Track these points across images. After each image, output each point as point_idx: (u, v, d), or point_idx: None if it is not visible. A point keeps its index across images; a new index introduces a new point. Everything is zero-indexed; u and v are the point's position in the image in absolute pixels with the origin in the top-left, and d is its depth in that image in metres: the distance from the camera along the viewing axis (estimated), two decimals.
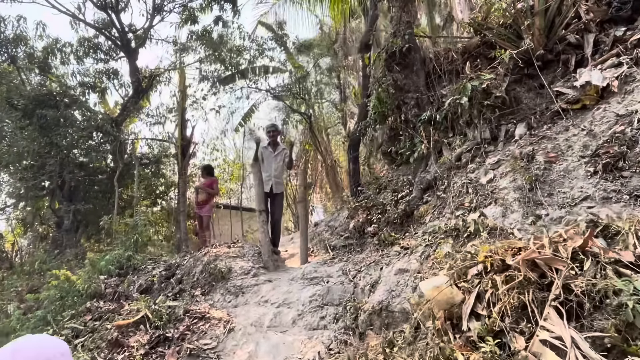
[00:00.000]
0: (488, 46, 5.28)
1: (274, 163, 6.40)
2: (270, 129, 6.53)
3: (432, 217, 4.83)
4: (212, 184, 8.27)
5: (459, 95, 4.90)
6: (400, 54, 5.51)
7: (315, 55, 10.89)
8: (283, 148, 6.54)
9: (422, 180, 5.25)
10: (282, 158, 6.45)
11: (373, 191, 6.12)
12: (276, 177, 6.43)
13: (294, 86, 8.72)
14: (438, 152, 5.33)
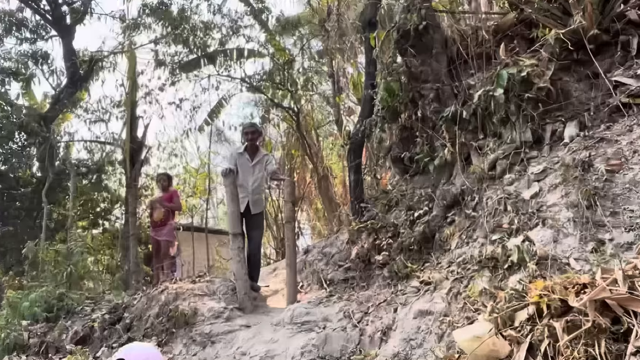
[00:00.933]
0: (526, 25, 5.28)
1: (251, 175, 6.30)
2: (248, 129, 6.41)
3: (460, 243, 4.76)
4: (172, 198, 8.12)
5: (491, 86, 4.87)
6: (415, 34, 5.49)
7: (303, 35, 10.87)
8: (264, 154, 6.45)
9: (446, 194, 5.18)
10: (263, 167, 6.36)
11: (381, 209, 6.04)
12: (254, 193, 6.34)
13: (277, 74, 8.64)
14: (465, 159, 5.28)
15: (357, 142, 6.77)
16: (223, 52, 9.64)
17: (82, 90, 11.26)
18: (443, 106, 5.55)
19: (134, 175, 11.00)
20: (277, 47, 8.66)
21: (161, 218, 7.72)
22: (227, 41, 8.83)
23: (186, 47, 9.06)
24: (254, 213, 6.35)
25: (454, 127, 5.32)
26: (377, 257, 5.48)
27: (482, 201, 4.78)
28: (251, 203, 6.27)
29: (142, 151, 11.51)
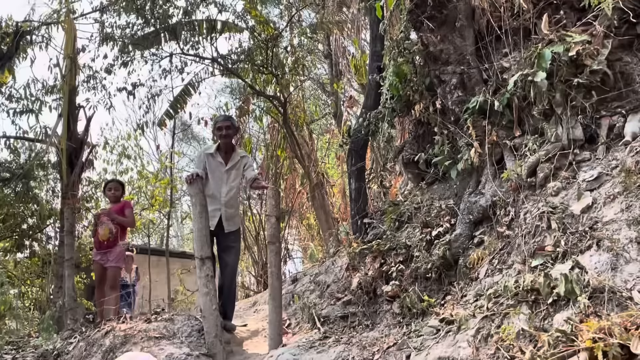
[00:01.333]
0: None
1: (225, 182, 6.29)
2: (222, 124, 6.32)
3: (491, 270, 4.75)
4: (123, 210, 8.05)
5: (531, 69, 4.87)
6: (434, 1, 5.49)
7: (291, 4, 10.86)
8: (242, 156, 6.43)
9: (472, 207, 5.17)
10: (240, 173, 6.34)
11: (390, 225, 6.03)
12: (229, 205, 6.33)
13: (258, 53, 8.60)
14: (497, 162, 5.28)
15: (359, 141, 6.78)
16: (189, 25, 9.60)
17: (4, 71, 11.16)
18: (469, 95, 5.56)
19: (73, 182, 10.95)
20: (258, 18, 8.62)
21: (108, 237, 7.62)
22: (195, 10, 8.79)
23: (141, 16, 9.00)
24: (228, 231, 6.33)
25: (483, 122, 5.34)
26: (385, 288, 5.47)
27: (518, 216, 4.78)
28: (224, 218, 6.26)
29: (84, 151, 11.47)
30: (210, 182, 6.20)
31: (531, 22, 5.31)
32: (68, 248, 7.08)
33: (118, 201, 8.08)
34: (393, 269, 5.44)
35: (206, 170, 6.18)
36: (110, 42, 11.41)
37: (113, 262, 7.78)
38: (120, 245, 7.91)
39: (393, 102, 6.01)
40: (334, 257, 8.06)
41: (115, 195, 8.06)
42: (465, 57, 5.59)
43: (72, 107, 11.19)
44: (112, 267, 7.77)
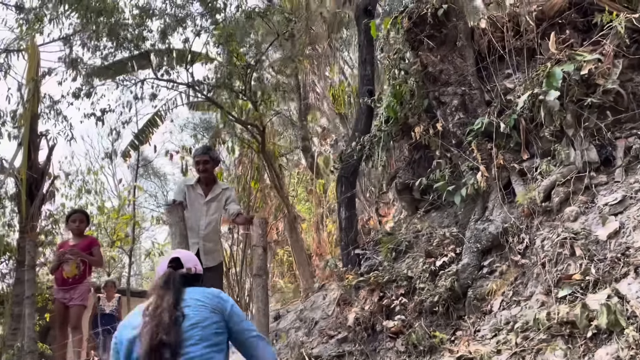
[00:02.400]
0: (579, 11, 5.14)
1: (204, 214, 5.95)
2: (200, 157, 5.97)
3: (507, 301, 4.39)
4: (91, 246, 7.43)
5: (541, 88, 4.62)
6: (433, 20, 5.24)
7: (259, 42, 10.51)
8: (223, 189, 6.13)
9: (480, 235, 4.83)
10: (221, 206, 6.02)
11: (386, 256, 5.62)
12: (207, 239, 5.96)
13: (236, 79, 8.22)
14: (504, 186, 4.97)
15: (349, 167, 6.41)
16: (163, 52, 9.17)
17: None
18: (471, 117, 5.30)
19: (32, 214, 10.20)
20: (233, 50, 8.26)
21: (75, 274, 6.97)
22: (171, 34, 8.37)
23: (114, 39, 8.52)
24: (206, 267, 5.88)
25: (488, 145, 5.05)
26: (387, 324, 5.03)
27: (534, 243, 4.46)
28: (203, 252, 5.85)
29: (44, 182, 10.75)
30: (190, 214, 5.85)
31: (535, 42, 5.11)
32: (29, 284, 6.40)
33: (82, 234, 7.44)
34: (395, 303, 5.01)
35: (185, 201, 5.84)
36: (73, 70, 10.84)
37: (78, 300, 7.10)
38: (85, 283, 7.26)
39: (389, 125, 5.67)
40: (319, 292, 7.61)
41: (79, 228, 7.39)
42: (466, 77, 5.33)
43: (33, 135, 10.50)
44: (77, 305, 7.09)
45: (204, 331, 2.46)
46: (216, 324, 2.51)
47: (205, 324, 2.48)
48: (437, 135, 5.37)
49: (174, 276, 2.64)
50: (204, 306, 2.53)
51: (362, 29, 6.62)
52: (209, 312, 2.52)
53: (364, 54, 6.62)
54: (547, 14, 5.22)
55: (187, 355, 2.36)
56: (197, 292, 2.61)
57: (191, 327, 2.43)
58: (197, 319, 2.46)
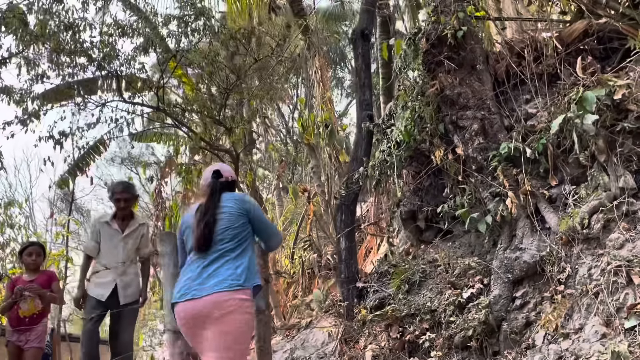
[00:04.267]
0: (596, 38, 5.07)
1: (122, 249, 5.75)
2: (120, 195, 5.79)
3: (553, 334, 4.07)
4: (51, 282, 6.62)
5: (573, 113, 4.43)
6: (452, 43, 5.02)
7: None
8: (140, 224, 6.01)
9: (513, 264, 4.53)
10: (137, 242, 5.91)
11: (400, 288, 5.22)
12: (125, 274, 5.74)
13: (211, 102, 7.68)
14: (531, 214, 4.72)
15: (349, 195, 6.01)
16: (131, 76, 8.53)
17: None
18: (491, 142, 5.07)
19: None
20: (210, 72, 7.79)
21: (33, 312, 6.14)
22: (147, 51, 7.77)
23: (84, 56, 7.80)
24: (124, 302, 5.67)
25: (512, 170, 4.80)
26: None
27: (576, 272, 4.19)
28: (122, 288, 5.66)
29: None
30: (104, 252, 5.73)
31: (556, 67, 4.97)
32: None
33: (38, 269, 6.61)
34: (423, 339, 4.58)
35: (99, 240, 5.75)
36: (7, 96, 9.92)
37: (35, 343, 6.29)
38: (43, 322, 6.43)
39: (401, 149, 5.34)
40: (306, 329, 7.06)
41: (36, 262, 6.59)
42: (485, 102, 5.12)
43: None
44: (34, 347, 6.28)
45: (233, 231, 3.46)
46: (242, 225, 3.51)
47: (235, 226, 3.47)
48: (457, 160, 5.08)
49: (216, 184, 3.62)
50: (234, 211, 3.50)
51: (360, 53, 6.35)
52: (236, 217, 3.50)
53: (362, 79, 6.33)
54: (565, 40, 5.12)
55: (222, 250, 3.42)
56: (230, 198, 3.58)
57: (224, 230, 3.44)
58: (228, 223, 3.45)
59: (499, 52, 5.33)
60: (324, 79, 10.80)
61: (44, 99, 10.34)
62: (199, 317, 3.33)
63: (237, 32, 7.80)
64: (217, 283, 3.35)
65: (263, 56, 8.25)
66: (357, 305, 5.57)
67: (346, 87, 21.59)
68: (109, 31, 7.58)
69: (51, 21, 8.08)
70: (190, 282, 3.44)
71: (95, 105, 8.39)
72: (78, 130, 9.40)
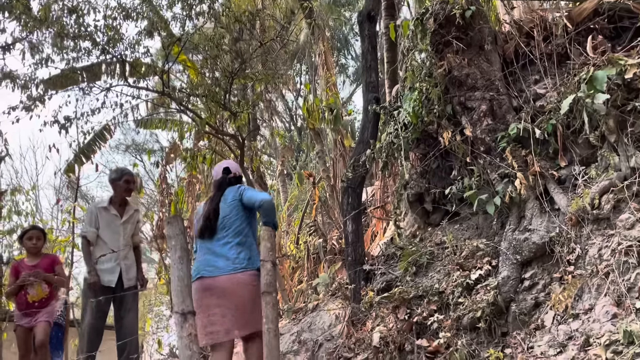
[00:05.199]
0: (606, 17, 4.98)
1: (121, 235, 5.82)
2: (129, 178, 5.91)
3: (562, 315, 4.03)
4: (53, 265, 6.67)
5: (583, 93, 4.36)
6: (461, 22, 4.94)
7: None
8: (135, 210, 6.12)
9: (522, 245, 4.48)
10: (134, 227, 6.04)
11: (407, 270, 5.18)
12: (126, 259, 5.83)
13: (216, 87, 7.60)
14: (540, 195, 4.67)
15: (356, 178, 5.96)
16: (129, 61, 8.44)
17: None
18: (499, 123, 5.00)
19: None
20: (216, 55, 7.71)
21: (42, 297, 6.19)
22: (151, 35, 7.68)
23: (88, 40, 7.73)
24: (127, 286, 5.76)
25: (521, 152, 4.74)
26: (421, 343, 4.56)
27: (586, 253, 4.15)
28: (124, 271, 5.74)
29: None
30: (104, 237, 5.74)
31: (569, 47, 4.89)
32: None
33: (39, 253, 6.64)
34: (431, 320, 4.55)
35: (98, 226, 5.72)
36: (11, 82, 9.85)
37: (44, 317, 6.38)
38: (52, 304, 6.48)
39: (409, 131, 5.28)
40: (312, 312, 7.05)
41: (36, 246, 6.61)
42: (494, 82, 5.05)
43: None
44: (44, 321, 6.39)
45: (232, 220, 4.08)
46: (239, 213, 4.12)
47: (231, 215, 4.09)
48: (465, 142, 5.03)
49: (224, 179, 4.25)
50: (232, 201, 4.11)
51: (366, 35, 6.26)
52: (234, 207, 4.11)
53: (368, 61, 6.24)
54: (574, 20, 5.03)
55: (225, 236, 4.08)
56: (230, 192, 4.18)
57: (222, 219, 4.09)
58: (228, 213, 4.09)
59: (508, 32, 5.24)
60: (328, 63, 10.73)
61: (49, 84, 10.33)
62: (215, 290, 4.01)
63: (242, 14, 7.70)
64: (225, 266, 4.07)
65: (267, 39, 8.16)
66: (364, 287, 5.53)
67: (350, 74, 21.48)
68: (112, 14, 7.59)
69: (55, 5, 8.02)
70: (202, 264, 4.10)
71: (100, 89, 8.36)
72: (83, 115, 9.40)
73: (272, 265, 5.30)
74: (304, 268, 9.34)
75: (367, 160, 5.59)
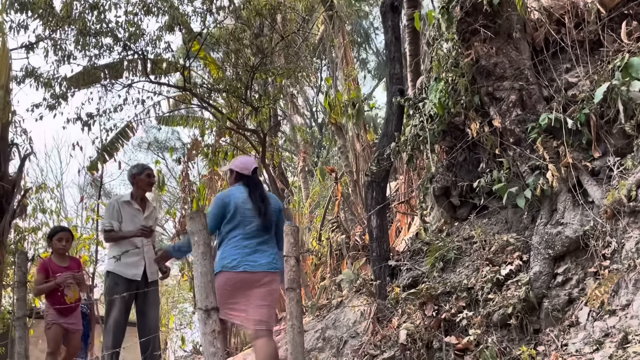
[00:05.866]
0: None
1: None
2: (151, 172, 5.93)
3: (598, 311, 3.89)
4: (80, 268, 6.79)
5: (618, 81, 4.20)
6: (488, 10, 4.79)
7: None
8: (153, 207, 6.21)
9: (554, 239, 4.34)
10: (154, 223, 6.17)
11: (434, 266, 5.06)
12: (149, 254, 5.80)
13: (237, 82, 7.55)
14: (573, 187, 4.51)
15: (380, 172, 5.85)
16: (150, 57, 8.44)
17: None
18: (529, 113, 4.85)
19: (2, 229, 9.19)
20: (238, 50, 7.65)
21: (76, 298, 6.32)
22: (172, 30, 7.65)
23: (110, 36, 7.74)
24: (151, 280, 5.80)
25: (553, 142, 4.59)
26: (449, 340, 4.44)
27: (622, 247, 3.99)
28: (147, 266, 5.72)
29: (15, 195, 9.73)
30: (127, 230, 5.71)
31: (602, 34, 4.72)
32: (20, 303, 5.48)
33: (64, 254, 6.76)
34: (460, 317, 4.43)
35: (121, 220, 5.71)
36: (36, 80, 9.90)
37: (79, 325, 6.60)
38: (79, 306, 6.66)
39: (435, 123, 5.15)
40: (336, 310, 6.96)
41: (65, 248, 6.72)
42: (523, 71, 4.89)
43: (3, 145, 9.50)
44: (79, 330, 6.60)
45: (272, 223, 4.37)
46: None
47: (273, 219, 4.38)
48: (493, 133, 4.89)
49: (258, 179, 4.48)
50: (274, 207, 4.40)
51: (390, 26, 6.14)
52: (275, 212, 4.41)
53: (392, 52, 6.12)
54: (607, 5, 4.86)
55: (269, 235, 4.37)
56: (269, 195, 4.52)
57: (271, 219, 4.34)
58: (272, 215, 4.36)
59: (537, 19, 5.08)
60: (348, 57, 10.61)
61: (71, 82, 10.37)
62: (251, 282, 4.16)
63: (263, 7, 7.63)
64: (267, 263, 4.27)
65: (288, 33, 8.08)
66: (389, 283, 5.43)
67: (371, 69, 21.31)
68: (134, 10, 7.58)
69: (76, 2, 8.04)
70: (245, 256, 4.16)
71: (122, 86, 8.36)
72: (105, 113, 9.44)
73: (295, 260, 5.23)
74: (326, 265, 9.26)
75: (391, 153, 5.48)
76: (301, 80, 11.91)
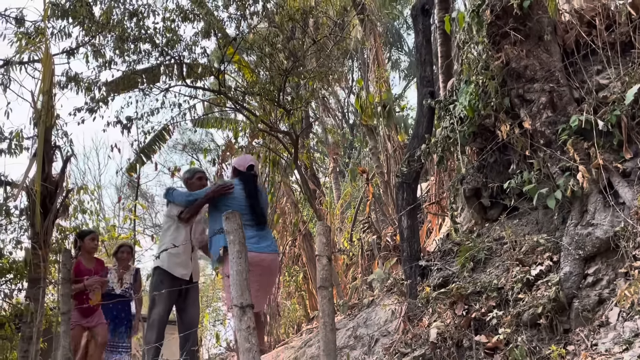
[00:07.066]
0: None
1: (196, 231, 5.88)
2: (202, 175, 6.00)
3: (628, 311, 3.91)
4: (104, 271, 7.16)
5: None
6: (518, 13, 4.84)
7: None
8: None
9: (585, 240, 4.36)
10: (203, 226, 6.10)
11: (465, 266, 5.12)
12: (194, 252, 5.92)
13: (270, 84, 7.74)
14: (603, 189, 4.52)
15: (411, 174, 5.93)
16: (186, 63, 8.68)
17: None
18: (560, 115, 4.87)
19: (46, 229, 9.52)
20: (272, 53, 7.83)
21: (98, 301, 6.61)
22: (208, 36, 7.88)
23: (149, 42, 8.01)
24: (196, 280, 5.93)
25: (583, 144, 4.61)
26: (479, 339, 4.51)
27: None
28: (193, 266, 5.87)
29: (58, 196, 10.07)
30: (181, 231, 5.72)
31: (634, 36, 4.72)
32: (64, 299, 5.76)
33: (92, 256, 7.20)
34: (490, 316, 4.49)
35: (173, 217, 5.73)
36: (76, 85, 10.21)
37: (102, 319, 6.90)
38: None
39: (465, 125, 5.22)
40: (368, 308, 7.07)
41: (96, 248, 7.13)
42: (554, 73, 4.92)
43: (47, 147, 9.84)
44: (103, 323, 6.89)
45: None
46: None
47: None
48: (524, 135, 4.93)
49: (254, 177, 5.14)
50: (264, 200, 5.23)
51: (420, 29, 6.22)
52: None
53: (422, 55, 6.20)
54: (638, 7, 4.85)
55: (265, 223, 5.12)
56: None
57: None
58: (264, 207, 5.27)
59: (568, 21, 5.10)
60: (379, 59, 10.69)
61: (111, 87, 10.70)
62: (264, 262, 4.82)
63: (296, 11, 7.79)
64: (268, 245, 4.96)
65: (321, 36, 8.23)
66: (420, 283, 5.51)
67: (403, 69, 21.31)
68: (171, 17, 7.82)
69: (116, 9, 8.33)
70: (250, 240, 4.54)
71: (159, 90, 8.64)
72: (143, 116, 9.73)
73: (327, 260, 5.35)
74: (357, 265, 9.37)
75: (422, 155, 5.56)
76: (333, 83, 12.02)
